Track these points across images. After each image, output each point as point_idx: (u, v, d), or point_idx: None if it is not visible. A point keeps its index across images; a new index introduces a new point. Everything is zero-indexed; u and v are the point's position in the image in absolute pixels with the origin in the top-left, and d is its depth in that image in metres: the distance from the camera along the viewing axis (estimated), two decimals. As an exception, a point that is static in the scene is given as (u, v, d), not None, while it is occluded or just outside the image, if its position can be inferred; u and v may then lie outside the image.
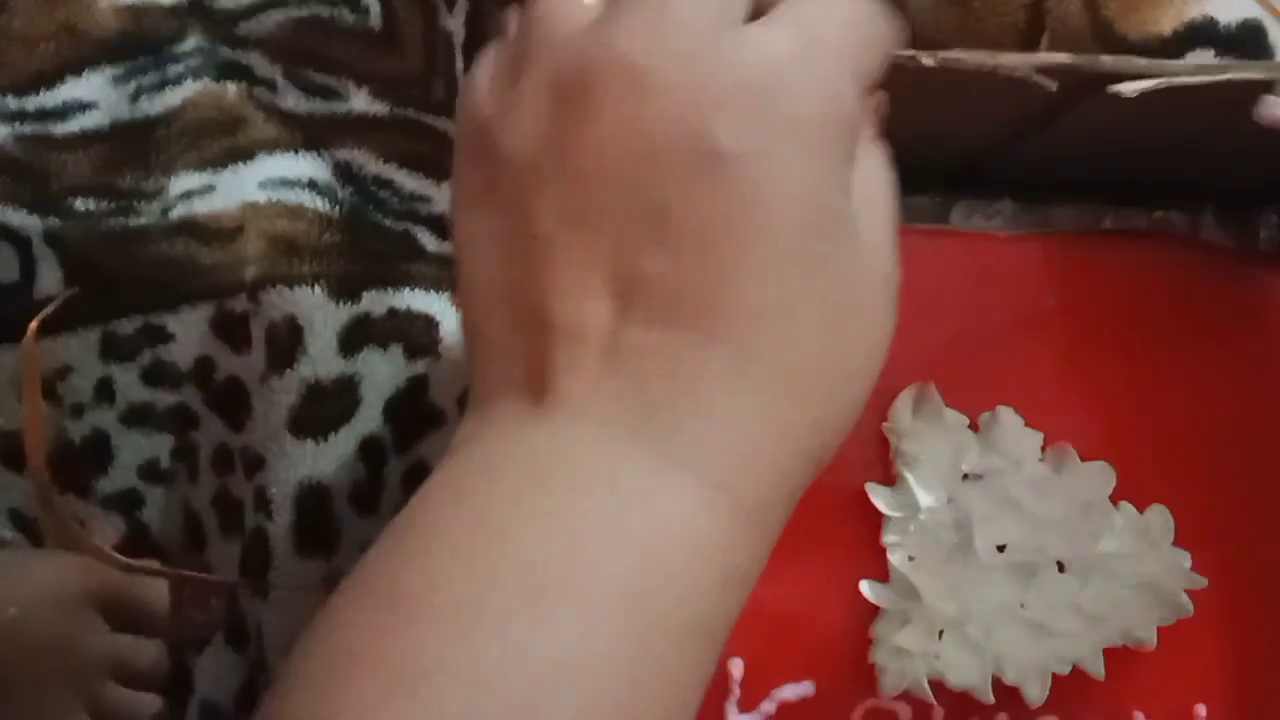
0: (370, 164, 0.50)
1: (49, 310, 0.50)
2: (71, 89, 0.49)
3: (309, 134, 0.50)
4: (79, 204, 0.49)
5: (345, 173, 0.50)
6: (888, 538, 0.38)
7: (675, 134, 0.24)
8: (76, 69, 0.49)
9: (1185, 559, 0.37)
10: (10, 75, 0.49)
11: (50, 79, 0.49)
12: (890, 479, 0.38)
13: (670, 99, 0.24)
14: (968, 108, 0.35)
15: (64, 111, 0.49)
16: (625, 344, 0.24)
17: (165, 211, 0.50)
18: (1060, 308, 0.39)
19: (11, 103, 0.49)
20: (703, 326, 0.24)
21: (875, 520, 0.38)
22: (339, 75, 0.50)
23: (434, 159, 0.50)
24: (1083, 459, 0.38)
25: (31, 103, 0.49)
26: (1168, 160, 0.39)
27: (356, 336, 0.48)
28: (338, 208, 0.49)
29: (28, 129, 0.49)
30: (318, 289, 0.48)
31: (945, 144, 0.39)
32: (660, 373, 0.24)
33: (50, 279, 0.50)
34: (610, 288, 0.24)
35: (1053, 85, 0.31)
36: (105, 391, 0.50)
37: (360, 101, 0.50)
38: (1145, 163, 0.39)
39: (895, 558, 0.38)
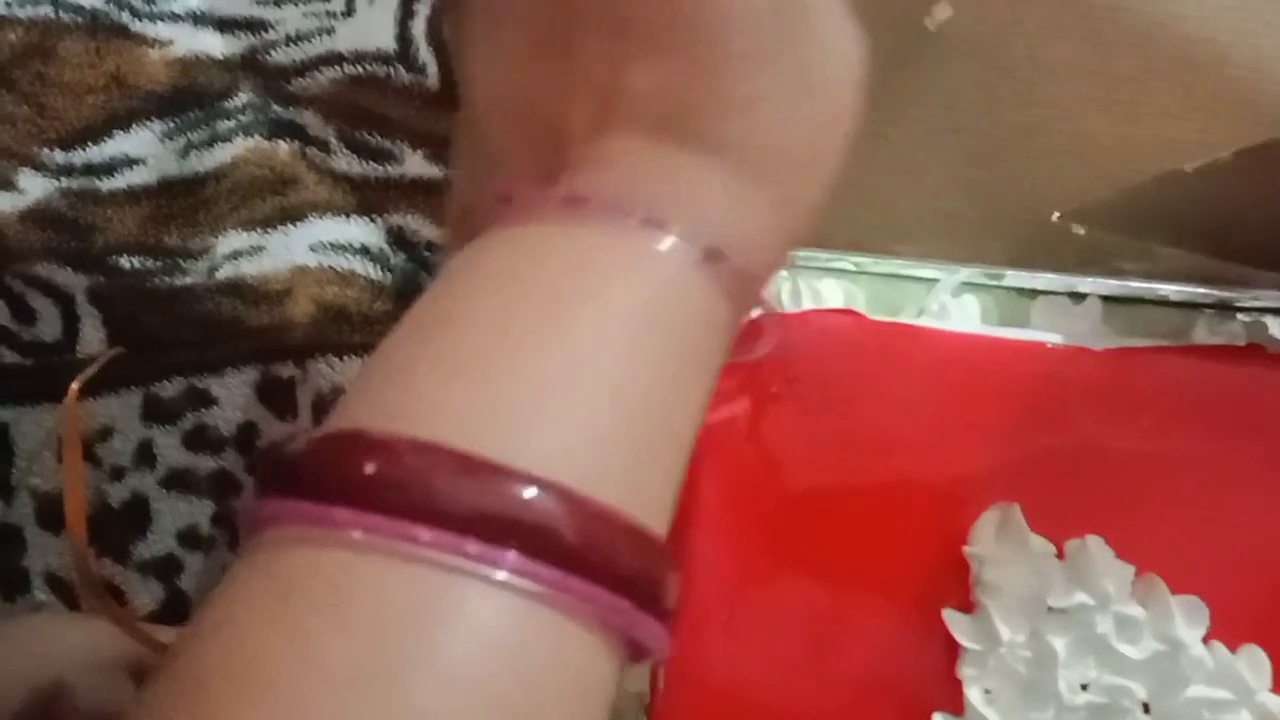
0: (424, 229, 0.48)
1: (91, 370, 0.48)
2: (119, 143, 0.48)
3: (361, 197, 0.48)
4: (124, 262, 0.48)
5: (398, 238, 0.48)
6: (965, 670, 0.36)
7: None
8: (125, 123, 0.48)
9: (1281, 706, 0.36)
10: (57, 128, 0.48)
11: (98, 133, 0.48)
12: (969, 605, 0.37)
13: None
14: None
15: (111, 167, 0.48)
16: (613, 149, 0.26)
17: (212, 271, 0.48)
18: (1154, 427, 0.37)
19: (58, 156, 0.48)
20: (681, 128, 0.26)
21: (952, 649, 0.36)
22: (393, 137, 0.48)
23: (490, 224, 0.48)
24: (1173, 591, 0.36)
25: (78, 157, 0.48)
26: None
27: (406, 409, 0.46)
28: (389, 275, 0.47)
29: (74, 184, 0.48)
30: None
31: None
32: (650, 173, 0.26)
33: (93, 338, 0.48)
34: (598, 98, 0.26)
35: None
36: (146, 455, 0.48)
37: (414, 165, 0.48)
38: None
39: (972, 692, 0.36)
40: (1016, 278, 0.45)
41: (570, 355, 0.23)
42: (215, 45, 0.48)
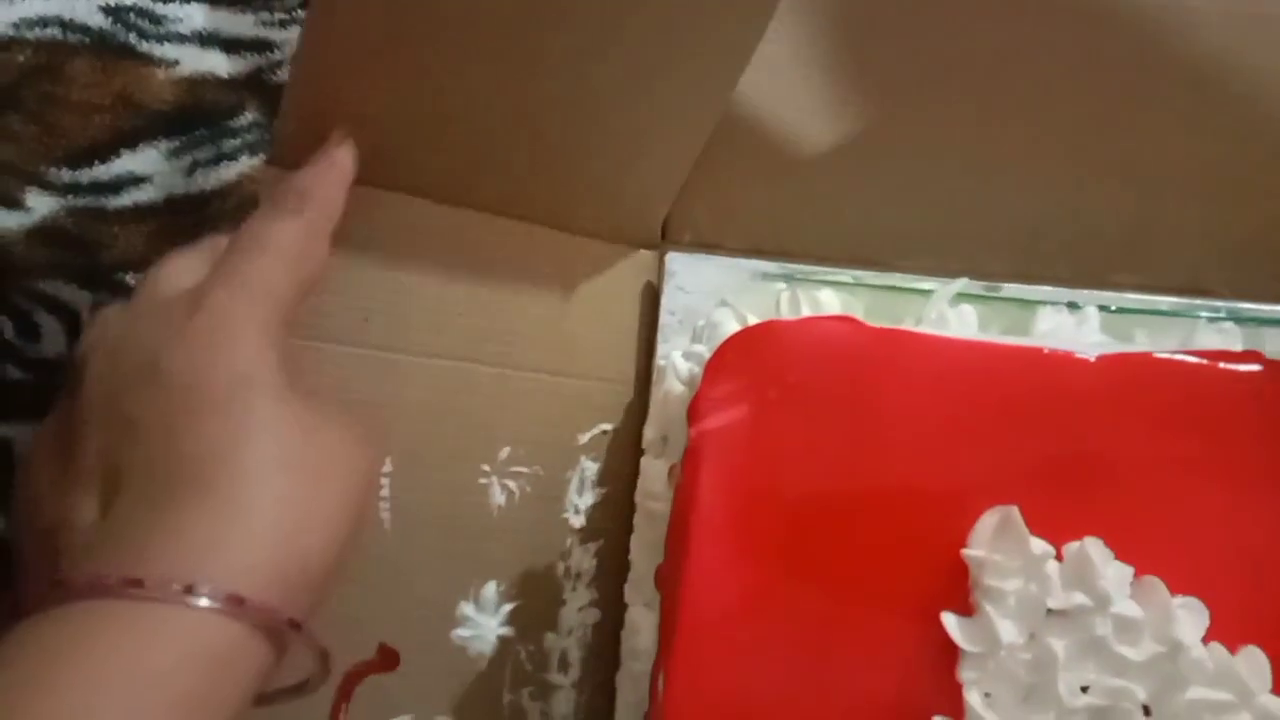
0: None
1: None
2: (126, 162, 0.48)
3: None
4: (130, 279, 0.48)
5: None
6: (964, 674, 0.36)
7: (133, 368, 0.33)
8: (131, 142, 0.48)
9: (1282, 708, 0.35)
10: (64, 147, 0.48)
11: (104, 152, 0.48)
12: (968, 609, 0.37)
13: (122, 362, 0.33)
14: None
15: (117, 185, 0.48)
16: (118, 526, 0.31)
17: (217, 289, 0.48)
18: (1152, 430, 0.37)
19: (65, 175, 0.48)
20: (178, 488, 0.31)
21: (951, 653, 0.36)
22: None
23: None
24: (1172, 593, 0.36)
25: (85, 175, 0.48)
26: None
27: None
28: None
29: (80, 202, 0.48)
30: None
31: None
32: (146, 543, 0.30)
33: (97, 354, 0.49)
34: (102, 487, 0.32)
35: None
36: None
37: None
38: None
39: (971, 696, 0.36)
40: (1014, 290, 0.45)
41: None
42: (221, 65, 0.49)
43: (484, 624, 0.44)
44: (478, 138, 0.43)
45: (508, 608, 0.44)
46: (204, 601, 0.29)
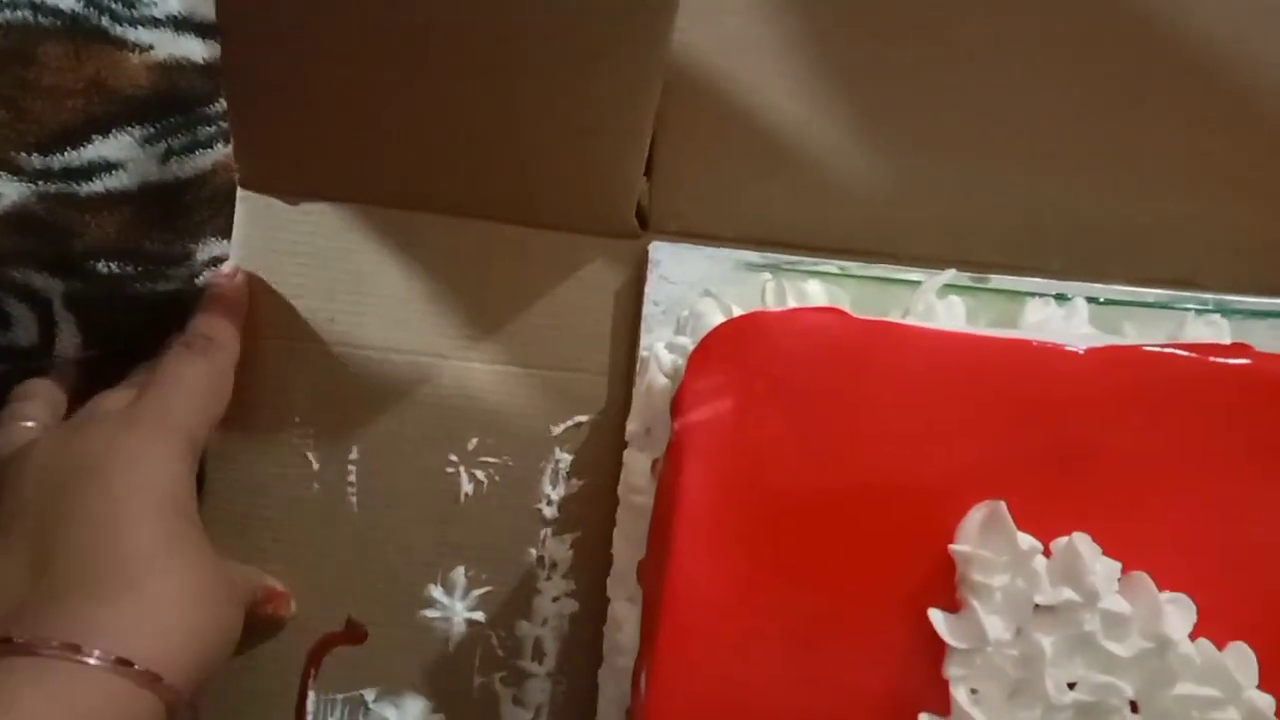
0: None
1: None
2: (98, 148, 0.47)
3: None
4: (102, 266, 0.47)
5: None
6: (951, 670, 0.36)
7: (74, 469, 0.39)
8: (104, 127, 0.47)
9: (1269, 704, 0.35)
10: (36, 132, 0.47)
11: (77, 137, 0.47)
12: (955, 604, 0.36)
13: (65, 462, 0.40)
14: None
15: (90, 171, 0.47)
16: (54, 598, 0.36)
17: (193, 278, 0.48)
18: (1140, 425, 0.37)
19: (36, 160, 0.47)
20: (95, 586, 0.37)
21: (938, 649, 0.36)
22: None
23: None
24: (1160, 589, 0.36)
25: (56, 161, 0.47)
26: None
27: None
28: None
29: (51, 188, 0.47)
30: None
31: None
32: (64, 618, 0.36)
33: (70, 343, 0.48)
34: (33, 561, 0.37)
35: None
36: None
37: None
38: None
39: (958, 692, 0.35)
40: (1003, 282, 0.45)
41: None
42: (196, 50, 0.48)
43: (451, 607, 0.45)
44: (417, 146, 0.44)
45: (477, 593, 0.45)
46: (133, 669, 0.35)
